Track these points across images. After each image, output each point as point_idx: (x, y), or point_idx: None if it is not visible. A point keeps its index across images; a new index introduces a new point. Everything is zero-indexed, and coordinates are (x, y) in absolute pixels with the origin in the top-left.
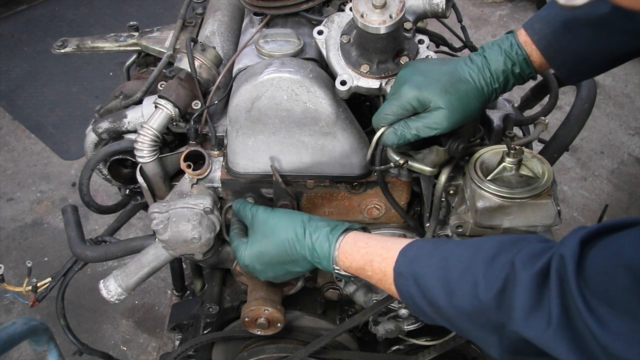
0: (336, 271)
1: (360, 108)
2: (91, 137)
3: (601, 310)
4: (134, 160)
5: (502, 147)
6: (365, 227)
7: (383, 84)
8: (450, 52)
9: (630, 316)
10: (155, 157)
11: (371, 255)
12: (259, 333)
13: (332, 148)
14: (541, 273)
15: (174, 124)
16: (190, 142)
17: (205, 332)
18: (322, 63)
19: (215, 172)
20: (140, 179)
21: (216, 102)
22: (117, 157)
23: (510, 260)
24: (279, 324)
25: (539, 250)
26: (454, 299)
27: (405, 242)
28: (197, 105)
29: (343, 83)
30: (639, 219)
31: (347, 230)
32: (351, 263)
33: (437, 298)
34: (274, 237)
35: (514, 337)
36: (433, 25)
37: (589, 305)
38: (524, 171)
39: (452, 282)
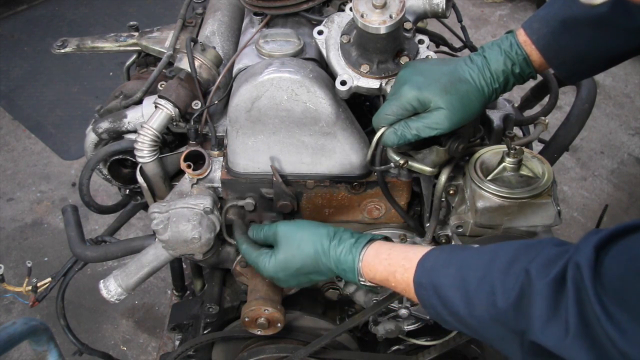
0: (362, 283)
1: (360, 108)
2: (91, 137)
3: (620, 317)
4: (134, 160)
5: (502, 147)
6: (388, 237)
7: (383, 84)
8: (450, 52)
9: None
10: (155, 157)
11: (393, 266)
12: (259, 333)
13: (332, 148)
14: (556, 281)
15: (174, 124)
16: (190, 142)
17: (205, 332)
18: (322, 63)
19: (215, 172)
20: (140, 179)
21: (216, 102)
22: (117, 157)
23: (525, 268)
24: (279, 324)
25: (554, 256)
26: (473, 308)
27: (424, 250)
28: (197, 105)
29: (343, 83)
30: None
31: (370, 241)
32: (375, 274)
33: (457, 308)
34: (300, 251)
35: (533, 344)
36: (433, 25)
37: (608, 312)
38: (524, 171)
39: (470, 291)
